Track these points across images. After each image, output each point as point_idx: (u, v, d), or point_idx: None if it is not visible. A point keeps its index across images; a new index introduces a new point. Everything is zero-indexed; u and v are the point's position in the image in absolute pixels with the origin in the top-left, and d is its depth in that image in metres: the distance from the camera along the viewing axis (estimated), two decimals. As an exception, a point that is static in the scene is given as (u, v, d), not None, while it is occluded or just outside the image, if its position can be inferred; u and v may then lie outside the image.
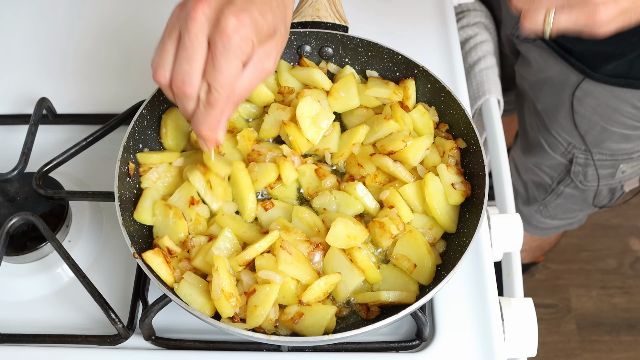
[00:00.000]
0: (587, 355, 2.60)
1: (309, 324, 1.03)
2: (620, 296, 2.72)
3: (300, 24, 1.29)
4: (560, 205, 1.99)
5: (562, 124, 1.74)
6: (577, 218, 2.09)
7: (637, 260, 2.81)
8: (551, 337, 2.63)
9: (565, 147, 1.79)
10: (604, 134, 1.68)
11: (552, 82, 1.69)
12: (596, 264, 2.80)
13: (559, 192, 1.94)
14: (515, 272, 1.38)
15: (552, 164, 1.88)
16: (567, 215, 2.05)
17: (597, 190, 1.88)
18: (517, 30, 1.74)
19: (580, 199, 1.94)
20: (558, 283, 2.75)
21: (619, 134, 1.67)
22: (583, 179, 1.83)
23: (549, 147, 1.84)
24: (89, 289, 1.11)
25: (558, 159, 1.84)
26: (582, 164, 1.79)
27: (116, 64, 1.49)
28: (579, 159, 1.78)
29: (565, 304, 2.71)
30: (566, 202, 1.96)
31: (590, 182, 1.84)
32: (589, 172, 1.81)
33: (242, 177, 1.16)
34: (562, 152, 1.81)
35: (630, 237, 2.87)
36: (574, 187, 1.88)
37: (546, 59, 1.67)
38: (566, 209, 2.01)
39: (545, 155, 1.87)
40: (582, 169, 1.81)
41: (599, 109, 1.63)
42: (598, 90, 1.59)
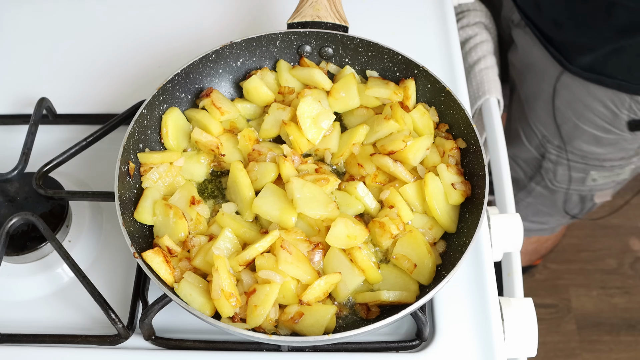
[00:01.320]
0: (587, 355, 2.60)
1: (309, 324, 1.03)
2: (620, 296, 2.72)
3: (300, 24, 1.29)
4: (531, 205, 2.00)
5: (538, 114, 1.76)
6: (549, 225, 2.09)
7: (637, 260, 2.81)
8: (551, 337, 2.64)
9: (539, 139, 1.80)
10: (575, 130, 1.69)
11: (534, 70, 1.72)
12: (596, 264, 2.80)
13: (530, 189, 1.95)
14: (515, 272, 1.38)
15: (527, 158, 1.89)
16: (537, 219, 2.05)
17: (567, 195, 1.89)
18: (513, 13, 1.77)
19: (549, 201, 1.94)
20: (558, 283, 2.75)
21: (589, 134, 1.68)
22: (553, 177, 1.85)
23: (525, 138, 1.86)
24: (89, 289, 1.11)
25: (532, 152, 1.86)
26: (554, 161, 1.81)
27: (116, 64, 1.49)
28: (551, 155, 1.80)
29: (565, 304, 2.71)
30: (536, 202, 1.97)
31: (560, 184, 1.85)
32: (559, 171, 1.82)
33: (241, 177, 1.16)
34: (536, 145, 1.83)
35: (630, 237, 2.87)
36: (544, 186, 1.90)
37: (531, 46, 1.69)
38: (536, 210, 2.01)
39: (521, 147, 1.89)
40: (553, 167, 1.82)
41: (573, 104, 1.64)
42: (575, 84, 1.61)
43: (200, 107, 1.26)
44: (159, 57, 1.50)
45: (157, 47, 1.52)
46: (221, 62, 1.29)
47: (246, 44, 1.29)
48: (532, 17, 1.64)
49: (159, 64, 1.49)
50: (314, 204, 1.10)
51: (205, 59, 1.27)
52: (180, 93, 1.27)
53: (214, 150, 1.21)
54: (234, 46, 1.28)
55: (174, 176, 1.19)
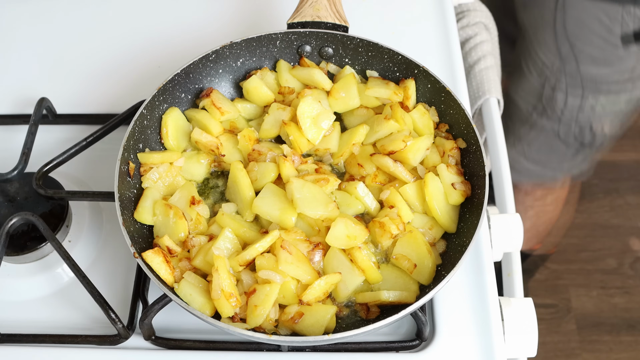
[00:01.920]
0: (587, 355, 2.60)
1: (309, 324, 1.03)
2: (620, 296, 2.72)
3: (300, 24, 1.29)
4: (533, 141, 2.02)
5: (540, 41, 1.80)
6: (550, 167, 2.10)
7: (637, 260, 2.81)
8: (551, 337, 2.63)
9: (540, 67, 1.84)
10: (573, 50, 1.73)
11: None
12: (596, 264, 2.80)
13: (532, 122, 1.98)
14: (515, 272, 1.38)
15: (528, 89, 1.92)
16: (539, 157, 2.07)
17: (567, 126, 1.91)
18: None
19: (551, 134, 1.97)
20: (558, 283, 2.75)
21: (586, 55, 1.72)
22: (554, 104, 1.87)
23: (526, 68, 1.89)
24: (89, 289, 1.11)
25: (533, 81, 1.89)
26: (553, 86, 1.84)
27: (116, 64, 1.49)
28: (550, 81, 1.83)
29: (565, 304, 2.71)
30: (539, 136, 2.00)
31: (560, 111, 1.88)
32: (559, 97, 1.85)
33: (241, 177, 1.16)
34: (538, 72, 1.86)
35: (630, 237, 2.87)
36: (547, 118, 1.92)
37: None
38: (539, 147, 2.03)
39: (522, 79, 1.92)
40: (552, 93, 1.85)
41: (570, 25, 1.69)
42: (571, 3, 1.65)
43: (200, 107, 1.26)
44: (159, 57, 1.50)
45: (157, 47, 1.52)
46: (221, 62, 1.29)
47: (246, 44, 1.29)
48: None
49: (159, 64, 1.49)
50: (314, 204, 1.11)
51: (205, 59, 1.27)
52: (180, 93, 1.27)
53: (214, 151, 1.21)
54: (234, 46, 1.28)
55: (174, 176, 1.19)
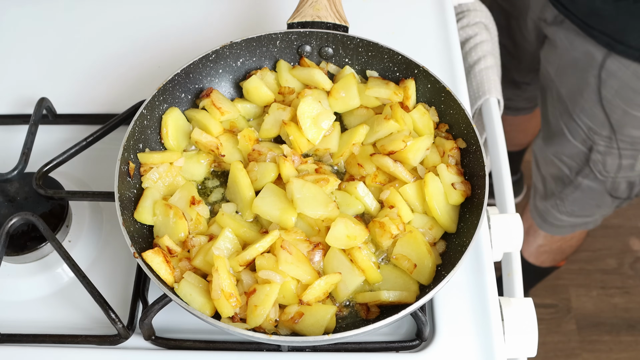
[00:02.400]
0: (587, 355, 2.60)
1: (309, 324, 1.03)
2: (620, 296, 2.72)
3: (301, 24, 1.29)
4: (578, 200, 1.97)
5: (584, 108, 1.74)
6: (594, 217, 2.06)
7: (637, 260, 2.81)
8: (551, 337, 2.63)
9: (585, 132, 1.78)
10: (624, 117, 1.68)
11: (577, 63, 1.70)
12: (596, 264, 2.80)
13: (577, 184, 1.92)
14: (515, 272, 1.38)
15: (572, 153, 1.87)
16: (584, 212, 2.03)
17: (616, 183, 1.87)
18: (545, 12, 1.76)
19: (598, 193, 1.92)
20: (558, 283, 2.75)
21: (639, 119, 1.66)
22: (602, 168, 1.82)
23: (569, 134, 1.83)
24: (89, 289, 1.11)
25: (578, 146, 1.83)
26: (602, 152, 1.78)
27: (116, 64, 1.49)
28: (599, 147, 1.77)
29: (565, 304, 2.71)
30: (584, 196, 1.95)
31: (610, 173, 1.83)
32: (609, 161, 1.79)
33: (241, 177, 1.16)
34: (582, 138, 1.80)
35: (630, 237, 2.87)
36: (593, 178, 1.87)
37: (572, 39, 1.68)
38: (583, 204, 1.99)
39: (565, 144, 1.87)
40: (602, 158, 1.80)
41: (620, 91, 1.63)
42: (621, 70, 1.60)
43: (200, 107, 1.26)
44: (159, 57, 1.50)
45: (157, 47, 1.52)
46: (221, 62, 1.29)
47: (246, 44, 1.29)
48: (571, 8, 1.64)
49: (159, 64, 1.49)
50: (314, 204, 1.11)
51: (205, 59, 1.27)
52: (180, 93, 1.27)
53: (214, 151, 1.21)
54: (234, 46, 1.28)
55: (174, 176, 1.19)
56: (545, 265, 2.45)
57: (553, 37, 1.76)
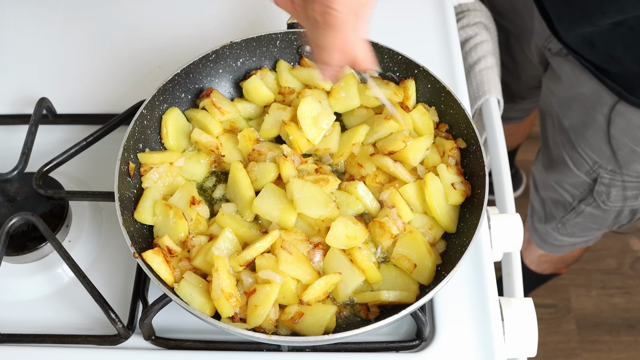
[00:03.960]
0: (587, 355, 2.59)
1: (309, 324, 1.03)
2: (620, 296, 2.72)
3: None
4: (579, 224, 1.96)
5: (589, 143, 1.70)
6: (594, 236, 2.06)
7: (637, 260, 2.81)
8: (551, 337, 2.63)
9: (590, 166, 1.75)
10: (632, 155, 1.65)
11: (583, 99, 1.65)
12: (596, 264, 2.80)
13: (579, 210, 1.90)
14: (515, 272, 1.38)
15: (575, 182, 1.84)
16: (584, 234, 2.02)
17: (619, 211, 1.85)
18: (550, 42, 1.71)
19: (600, 219, 1.90)
20: (558, 283, 2.74)
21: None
22: (606, 199, 1.80)
23: (573, 165, 1.80)
24: (89, 289, 1.11)
25: (582, 177, 1.80)
26: (607, 184, 1.76)
27: (116, 64, 1.49)
28: (604, 179, 1.75)
29: (565, 304, 2.71)
30: (585, 221, 1.93)
31: (614, 203, 1.81)
32: (613, 192, 1.77)
33: (241, 177, 1.16)
34: (587, 170, 1.77)
35: (630, 237, 2.87)
36: (596, 206, 1.85)
37: (578, 76, 1.63)
38: (584, 227, 1.97)
39: (568, 173, 1.83)
40: (606, 189, 1.77)
41: (629, 131, 1.60)
42: (630, 111, 1.56)
43: (200, 107, 1.26)
44: (159, 57, 1.50)
45: (157, 47, 1.52)
46: (221, 62, 1.29)
47: (246, 44, 1.29)
48: (582, 52, 1.57)
49: (159, 64, 1.49)
50: (314, 204, 1.10)
51: (205, 59, 1.27)
52: (180, 93, 1.27)
53: (214, 151, 1.21)
54: (234, 46, 1.28)
55: (174, 176, 1.19)
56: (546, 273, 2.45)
57: (557, 69, 1.71)
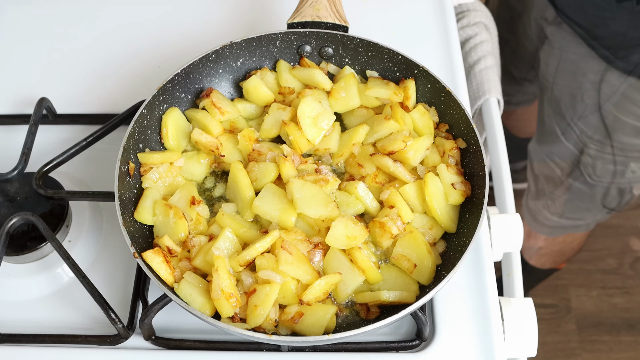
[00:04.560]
0: (587, 355, 2.59)
1: (309, 324, 1.03)
2: (620, 296, 2.72)
3: (301, 24, 1.29)
4: (569, 202, 1.97)
5: (578, 111, 1.74)
6: (585, 221, 2.07)
7: (637, 260, 2.81)
8: (551, 337, 2.63)
9: (578, 135, 1.78)
10: (616, 123, 1.67)
11: (573, 67, 1.69)
12: (596, 264, 2.80)
13: (567, 185, 1.93)
14: (515, 272, 1.38)
15: (564, 154, 1.87)
16: (574, 215, 2.03)
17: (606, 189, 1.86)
18: (546, 11, 1.74)
19: (588, 196, 1.92)
20: (558, 283, 2.75)
21: (631, 126, 1.66)
22: (592, 172, 1.82)
23: (562, 135, 1.83)
24: (89, 289, 1.11)
25: (570, 148, 1.83)
26: (593, 156, 1.78)
27: (116, 64, 1.49)
28: (590, 150, 1.77)
29: (565, 304, 2.71)
30: (574, 198, 1.95)
31: (600, 177, 1.83)
32: (599, 165, 1.79)
33: (241, 177, 1.16)
34: (574, 141, 1.80)
35: (630, 237, 2.87)
36: (583, 181, 1.87)
37: (569, 42, 1.67)
38: (574, 206, 1.99)
39: (558, 144, 1.87)
40: (592, 161, 1.80)
41: (614, 98, 1.62)
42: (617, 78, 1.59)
43: (200, 107, 1.26)
44: (159, 57, 1.50)
45: (157, 47, 1.52)
46: (221, 62, 1.29)
47: (246, 44, 1.29)
48: (573, 16, 1.61)
49: (159, 64, 1.49)
50: (314, 204, 1.10)
51: (205, 59, 1.27)
52: (180, 93, 1.27)
53: (213, 151, 1.21)
54: (234, 46, 1.28)
55: (174, 176, 1.19)
56: (546, 267, 2.45)
57: (552, 37, 1.75)
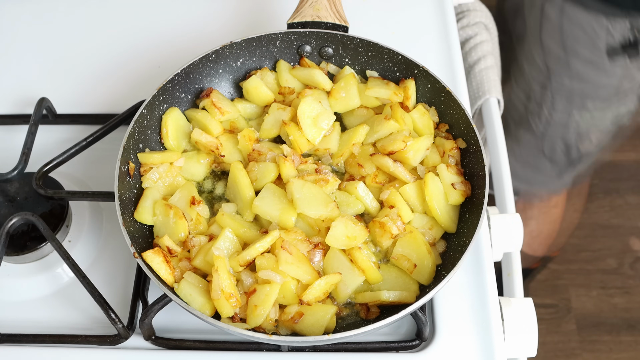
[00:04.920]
0: (587, 355, 2.59)
1: (309, 324, 1.03)
2: (620, 296, 2.72)
3: (301, 24, 1.29)
4: (519, 157, 1.96)
5: (525, 52, 1.75)
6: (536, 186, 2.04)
7: (637, 260, 2.81)
8: (551, 337, 2.63)
9: (526, 80, 1.79)
10: (558, 63, 1.68)
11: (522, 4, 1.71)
12: (596, 264, 2.80)
13: (518, 137, 1.93)
14: (515, 272, 1.38)
15: (515, 102, 1.87)
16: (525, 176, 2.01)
17: (552, 141, 1.86)
18: None
19: (536, 150, 1.92)
20: (558, 283, 2.75)
21: (572, 69, 1.67)
22: (538, 120, 1.82)
23: (514, 80, 1.84)
24: (89, 289, 1.11)
25: (519, 95, 1.84)
26: (538, 102, 1.78)
27: (116, 64, 1.49)
28: (536, 94, 1.78)
29: (565, 304, 2.71)
30: (523, 152, 1.94)
31: (545, 127, 1.82)
32: (544, 112, 1.80)
33: (241, 177, 1.16)
34: (524, 86, 1.81)
35: (630, 237, 2.87)
36: (530, 131, 1.87)
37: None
38: (524, 163, 1.98)
39: (510, 91, 1.87)
40: (537, 109, 1.80)
41: (555, 35, 1.64)
42: (556, 11, 1.59)
43: (200, 107, 1.26)
44: (159, 57, 1.50)
45: (157, 47, 1.52)
46: (221, 62, 1.29)
47: (246, 44, 1.29)
48: None
49: (159, 64, 1.49)
50: (314, 204, 1.11)
51: (205, 59, 1.27)
52: (180, 93, 1.27)
53: (213, 151, 1.21)
54: (234, 46, 1.28)
55: (174, 176, 1.19)
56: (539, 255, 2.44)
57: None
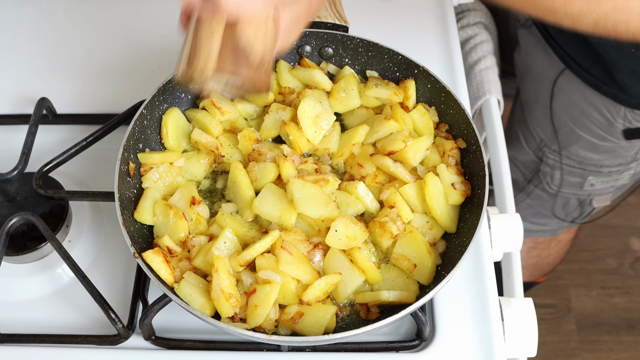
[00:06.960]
0: (587, 355, 2.59)
1: (309, 324, 1.03)
2: (620, 296, 2.72)
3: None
4: (530, 207, 1.98)
5: (537, 118, 1.74)
6: (550, 227, 2.07)
7: (637, 260, 2.81)
8: (551, 337, 2.63)
9: (537, 143, 1.78)
10: (572, 136, 1.67)
11: (535, 70, 1.69)
12: (596, 264, 2.80)
13: (528, 191, 1.93)
14: (515, 272, 1.38)
15: (525, 160, 1.87)
16: (537, 220, 2.03)
17: (566, 199, 1.86)
18: (519, 14, 1.73)
19: (548, 204, 1.92)
20: (558, 283, 2.74)
21: (586, 141, 1.66)
22: (550, 181, 1.82)
23: (524, 141, 1.84)
24: (89, 289, 1.11)
25: (530, 155, 1.83)
26: (551, 165, 1.79)
27: (116, 64, 1.49)
28: (549, 159, 1.78)
29: (565, 304, 2.71)
30: (535, 204, 1.95)
31: (558, 187, 1.83)
32: (556, 175, 1.80)
33: (241, 177, 1.16)
34: (534, 148, 1.80)
35: (630, 237, 2.87)
36: (542, 189, 1.87)
37: (534, 45, 1.67)
38: (536, 212, 1.99)
39: (520, 150, 1.87)
40: (550, 171, 1.80)
41: (569, 109, 1.62)
42: (571, 88, 1.58)
43: (200, 107, 1.26)
44: (159, 57, 1.50)
45: (157, 47, 1.52)
46: (221, 62, 1.29)
47: (246, 44, 1.29)
48: None
49: (159, 64, 1.49)
50: (314, 204, 1.11)
51: (205, 59, 1.27)
52: (180, 93, 1.27)
53: (213, 151, 1.21)
54: (234, 46, 1.28)
55: (174, 176, 1.19)
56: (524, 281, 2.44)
57: (521, 40, 1.75)
